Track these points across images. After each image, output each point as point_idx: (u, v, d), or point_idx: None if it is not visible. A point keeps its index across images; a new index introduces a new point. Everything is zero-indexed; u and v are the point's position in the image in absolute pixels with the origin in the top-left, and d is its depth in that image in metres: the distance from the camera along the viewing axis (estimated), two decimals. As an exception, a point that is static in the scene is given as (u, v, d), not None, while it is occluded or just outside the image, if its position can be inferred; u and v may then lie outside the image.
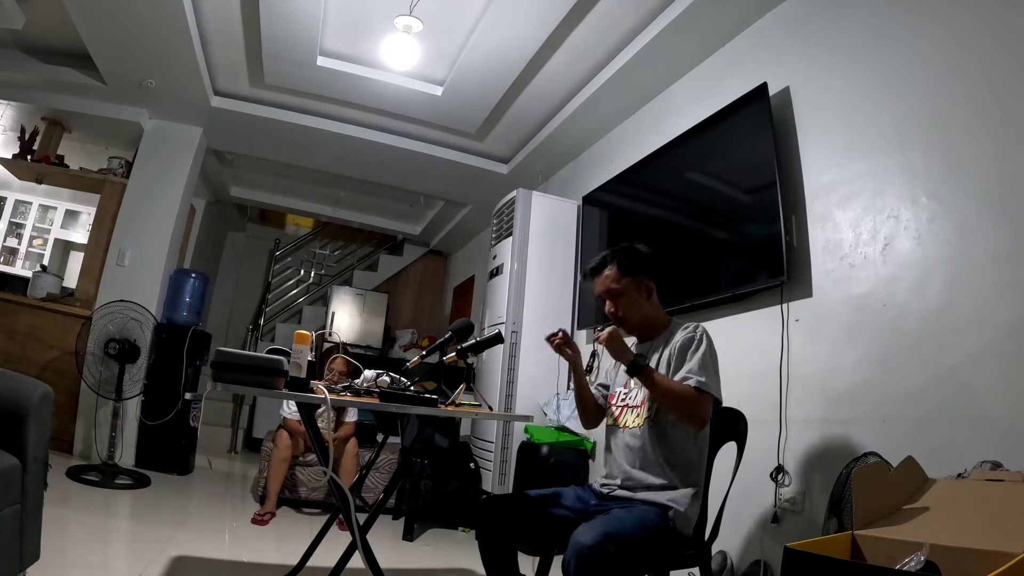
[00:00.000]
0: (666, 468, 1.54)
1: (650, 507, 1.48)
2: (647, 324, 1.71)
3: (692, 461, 1.54)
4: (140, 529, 2.64)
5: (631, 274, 1.67)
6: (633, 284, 1.67)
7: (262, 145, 4.64)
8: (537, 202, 3.64)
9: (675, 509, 1.47)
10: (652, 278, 1.70)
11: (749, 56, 2.59)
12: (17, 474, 1.51)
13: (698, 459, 1.55)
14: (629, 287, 1.67)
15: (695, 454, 1.55)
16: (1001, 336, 1.49)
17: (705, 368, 1.50)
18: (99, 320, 3.58)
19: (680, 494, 1.49)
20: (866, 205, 1.94)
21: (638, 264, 1.68)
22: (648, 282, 1.69)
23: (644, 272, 1.69)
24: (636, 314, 1.69)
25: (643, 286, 1.68)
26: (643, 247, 1.74)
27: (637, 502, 1.51)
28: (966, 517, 1.14)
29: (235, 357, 1.54)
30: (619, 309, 1.69)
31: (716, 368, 1.54)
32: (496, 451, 3.33)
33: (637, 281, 1.67)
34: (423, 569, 2.66)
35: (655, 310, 1.71)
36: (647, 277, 1.69)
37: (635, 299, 1.68)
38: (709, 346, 1.56)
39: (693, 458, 1.54)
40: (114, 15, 3.08)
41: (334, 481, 1.64)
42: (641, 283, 1.68)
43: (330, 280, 7.16)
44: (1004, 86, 1.59)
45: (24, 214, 5.61)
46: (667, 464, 1.54)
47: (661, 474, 1.54)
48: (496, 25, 2.92)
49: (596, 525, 1.33)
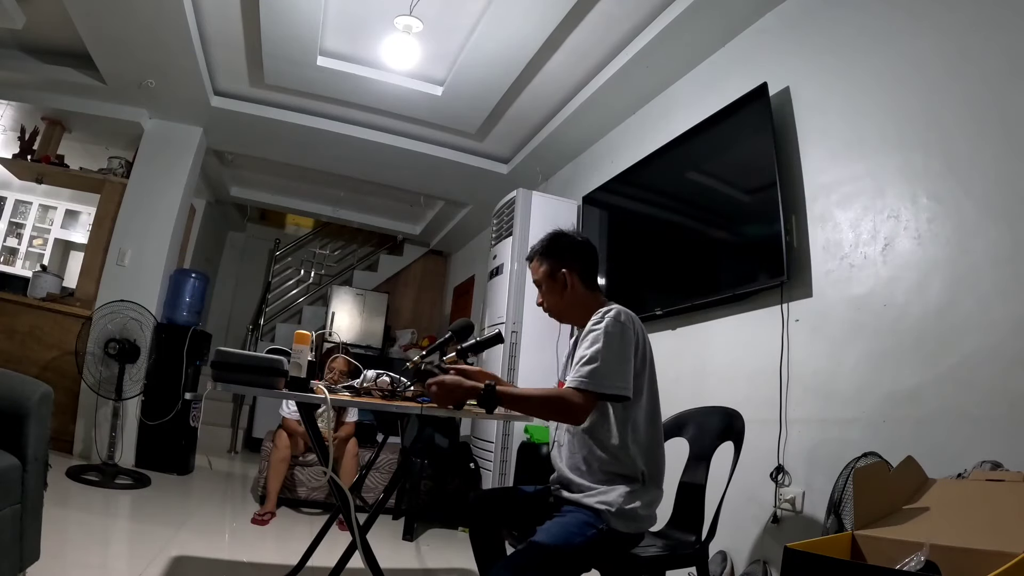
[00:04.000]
0: (594, 468, 1.47)
1: (580, 513, 1.42)
2: (573, 313, 1.66)
3: (626, 457, 1.45)
4: (140, 529, 2.64)
5: (547, 264, 1.64)
6: (549, 274, 1.64)
7: (262, 145, 4.64)
8: (537, 202, 3.64)
9: (607, 511, 1.40)
10: (574, 267, 1.63)
11: (749, 56, 2.59)
12: (17, 474, 1.51)
13: (638, 452, 1.46)
14: (546, 276, 1.65)
15: (631, 448, 1.45)
16: (1001, 336, 1.49)
17: (599, 361, 1.40)
18: (99, 320, 3.58)
19: (615, 494, 1.41)
20: (866, 205, 1.94)
21: (558, 254, 1.64)
22: (566, 270, 1.63)
23: (565, 262, 1.63)
24: (558, 304, 1.66)
25: (560, 275, 1.63)
26: (572, 234, 1.69)
27: (572, 505, 1.46)
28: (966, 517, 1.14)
29: (235, 357, 1.54)
30: (544, 299, 1.68)
31: (622, 355, 1.43)
32: (496, 451, 3.33)
33: (553, 271, 1.64)
34: (423, 569, 2.66)
35: (581, 298, 1.63)
36: (569, 266, 1.63)
37: (556, 290, 1.64)
38: (614, 332, 1.45)
39: (628, 453, 1.45)
40: (114, 15, 3.08)
41: (334, 481, 1.64)
42: (557, 272, 1.63)
43: (330, 280, 7.16)
44: (1004, 86, 1.59)
45: (24, 214, 5.61)
46: (595, 464, 1.47)
47: (587, 475, 1.48)
48: (496, 25, 2.92)
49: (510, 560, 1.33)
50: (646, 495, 1.45)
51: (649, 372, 1.53)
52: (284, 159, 4.89)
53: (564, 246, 1.66)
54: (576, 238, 1.69)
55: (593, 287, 1.67)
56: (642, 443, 1.48)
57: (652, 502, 1.47)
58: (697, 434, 1.88)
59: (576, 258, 1.65)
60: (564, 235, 1.68)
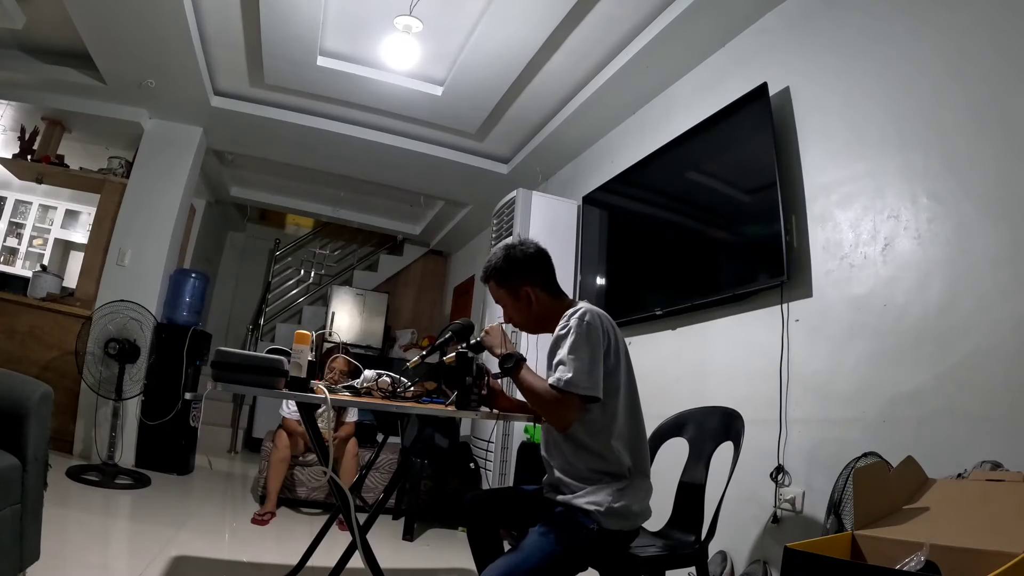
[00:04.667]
0: (580, 468, 1.48)
1: (571, 513, 1.42)
2: (543, 324, 1.65)
3: (610, 454, 1.45)
4: (140, 529, 2.65)
5: (506, 286, 1.65)
6: (511, 294, 1.65)
7: (262, 145, 4.64)
8: (537, 202, 3.64)
9: (596, 511, 1.40)
10: (530, 282, 1.63)
11: (749, 56, 2.59)
12: (17, 474, 1.51)
13: (621, 447, 1.46)
14: (508, 297, 1.66)
15: (614, 445, 1.45)
16: (1001, 336, 1.49)
17: (570, 363, 1.41)
18: (99, 320, 3.58)
19: (604, 494, 1.42)
20: (866, 205, 1.94)
21: (510, 274, 1.64)
22: (527, 287, 1.63)
23: (519, 280, 1.63)
24: (527, 320, 1.67)
25: (522, 292, 1.63)
26: (522, 246, 1.66)
27: (563, 506, 1.46)
28: (966, 517, 1.14)
29: (235, 357, 1.54)
30: (509, 317, 1.70)
31: (591, 357, 1.43)
32: (496, 451, 3.33)
33: (514, 290, 1.64)
34: (423, 569, 2.66)
35: (548, 309, 1.63)
36: (524, 283, 1.63)
37: (518, 307, 1.65)
38: (580, 334, 1.44)
39: (612, 450, 1.45)
40: (114, 15, 3.08)
41: (334, 481, 1.64)
42: (519, 291, 1.63)
43: (330, 280, 7.16)
44: (1004, 86, 1.59)
45: (24, 214, 5.61)
46: (581, 464, 1.48)
47: (575, 475, 1.48)
48: (496, 25, 2.92)
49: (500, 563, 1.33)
50: (635, 491, 1.45)
51: (625, 366, 1.53)
52: (284, 159, 4.89)
53: (519, 263, 1.64)
54: (528, 250, 1.66)
55: (556, 293, 1.67)
56: (625, 438, 1.48)
57: (643, 496, 1.48)
58: (697, 434, 1.89)
59: (534, 271, 1.65)
60: (514, 250, 1.66)
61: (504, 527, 1.76)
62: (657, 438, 1.96)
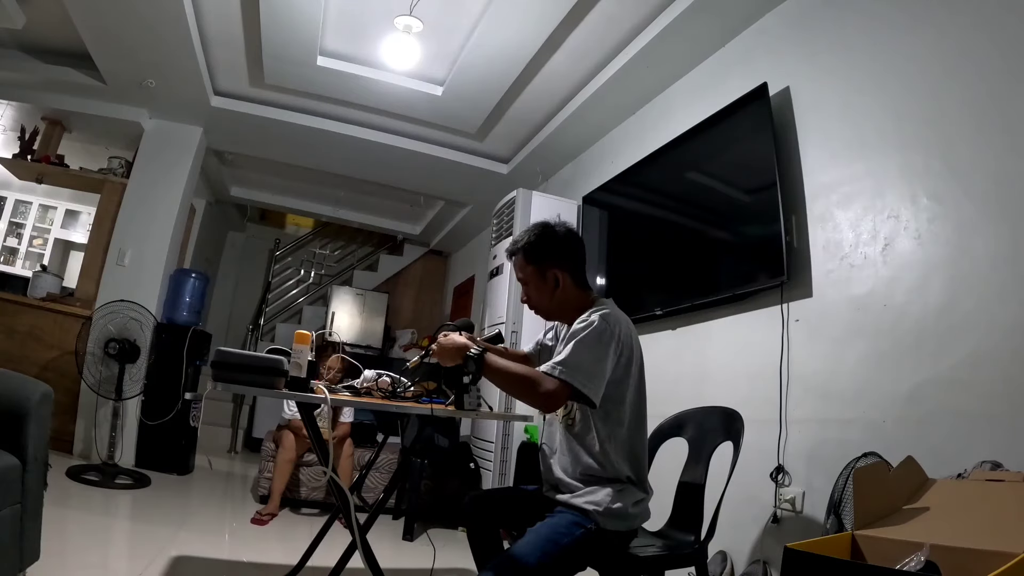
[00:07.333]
0: (579, 472, 1.47)
1: (569, 513, 1.42)
2: (561, 310, 1.61)
3: (608, 463, 1.45)
4: (140, 529, 2.64)
5: (535, 263, 1.58)
6: (538, 273, 1.58)
7: (262, 145, 4.64)
8: (537, 202, 3.63)
9: (595, 510, 1.39)
10: (561, 265, 1.57)
11: (749, 56, 2.59)
12: (17, 474, 1.51)
13: (620, 459, 1.46)
14: (534, 276, 1.59)
15: (613, 455, 1.45)
16: (1001, 336, 1.49)
17: (576, 356, 1.38)
18: (99, 320, 3.58)
19: (602, 494, 1.41)
20: (866, 205, 1.94)
21: (542, 253, 1.58)
22: (556, 269, 1.57)
23: (550, 260, 1.57)
24: (545, 302, 1.60)
25: (550, 274, 1.57)
26: (559, 228, 1.61)
27: (562, 506, 1.46)
28: (966, 517, 1.14)
29: (235, 357, 1.54)
30: (528, 297, 1.63)
31: (598, 357, 1.40)
32: (496, 451, 3.33)
33: (542, 270, 1.57)
34: (423, 569, 2.66)
35: (570, 295, 1.58)
36: (554, 264, 1.57)
37: (541, 288, 1.59)
38: (596, 334, 1.41)
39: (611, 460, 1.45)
40: (114, 15, 3.08)
41: (334, 481, 1.64)
42: (547, 271, 1.57)
43: (330, 280, 7.16)
44: (1004, 86, 1.59)
45: (24, 214, 5.60)
46: (580, 468, 1.47)
47: (574, 477, 1.48)
48: (496, 25, 2.92)
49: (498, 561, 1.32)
50: (632, 496, 1.45)
51: (636, 377, 1.50)
52: (284, 159, 4.89)
53: (553, 243, 1.59)
54: (565, 232, 1.62)
55: (583, 284, 1.62)
56: (625, 450, 1.47)
57: (640, 501, 1.48)
58: (697, 434, 1.89)
59: (566, 255, 1.59)
60: (551, 230, 1.60)
61: (504, 527, 1.76)
62: (657, 438, 1.96)
